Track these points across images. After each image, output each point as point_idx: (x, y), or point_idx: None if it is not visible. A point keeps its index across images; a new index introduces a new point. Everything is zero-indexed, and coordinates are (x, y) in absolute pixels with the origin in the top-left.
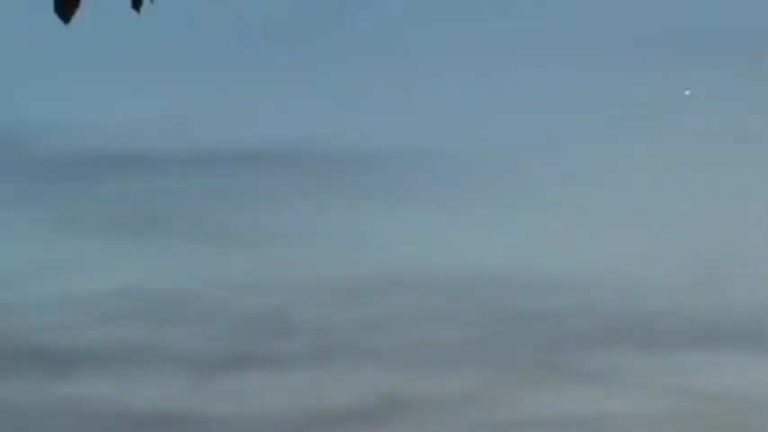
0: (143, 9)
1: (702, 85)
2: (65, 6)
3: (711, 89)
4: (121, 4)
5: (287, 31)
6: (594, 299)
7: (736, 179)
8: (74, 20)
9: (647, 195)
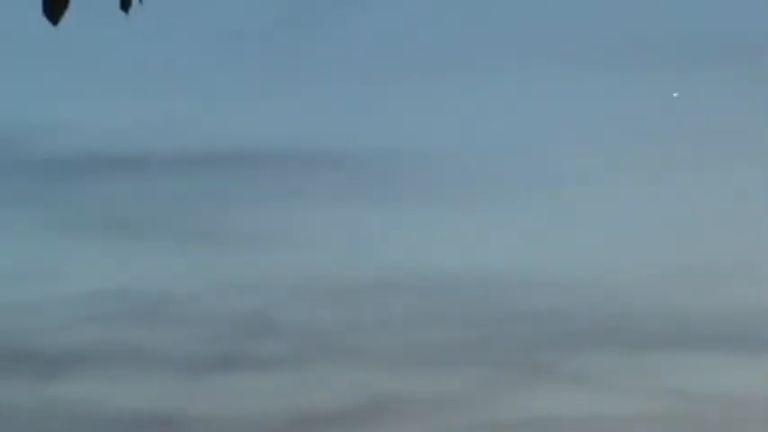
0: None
1: (702, 85)
2: (53, 8)
3: (711, 89)
4: (111, 6)
5: (274, 32)
6: (583, 300)
7: (736, 179)
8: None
9: (643, 196)
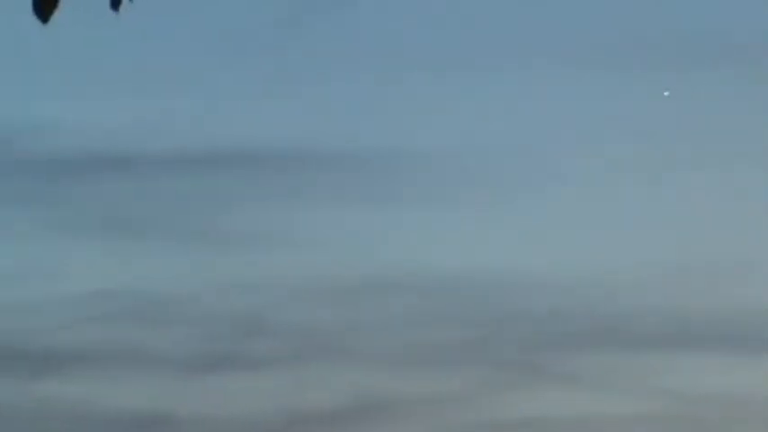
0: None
1: (702, 85)
2: (43, 6)
3: (711, 89)
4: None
5: (274, 32)
6: (583, 300)
7: (736, 179)
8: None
9: (643, 196)
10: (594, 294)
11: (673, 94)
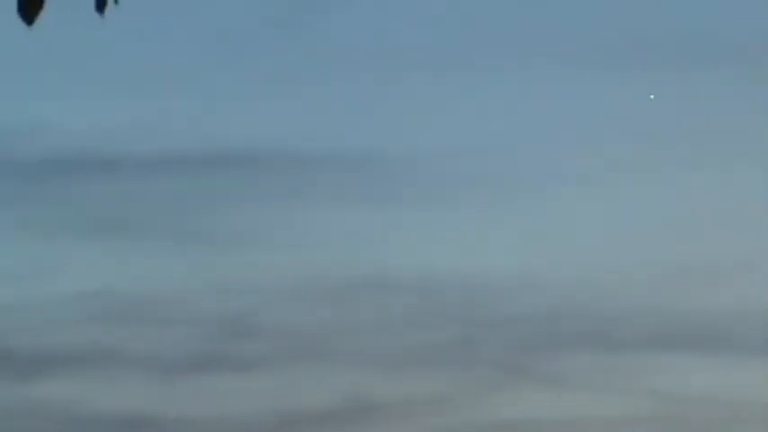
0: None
1: (702, 85)
2: (28, 7)
3: (711, 89)
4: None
5: (274, 32)
6: (583, 300)
7: (736, 179)
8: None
9: (643, 196)
10: (593, 295)
11: (673, 94)
